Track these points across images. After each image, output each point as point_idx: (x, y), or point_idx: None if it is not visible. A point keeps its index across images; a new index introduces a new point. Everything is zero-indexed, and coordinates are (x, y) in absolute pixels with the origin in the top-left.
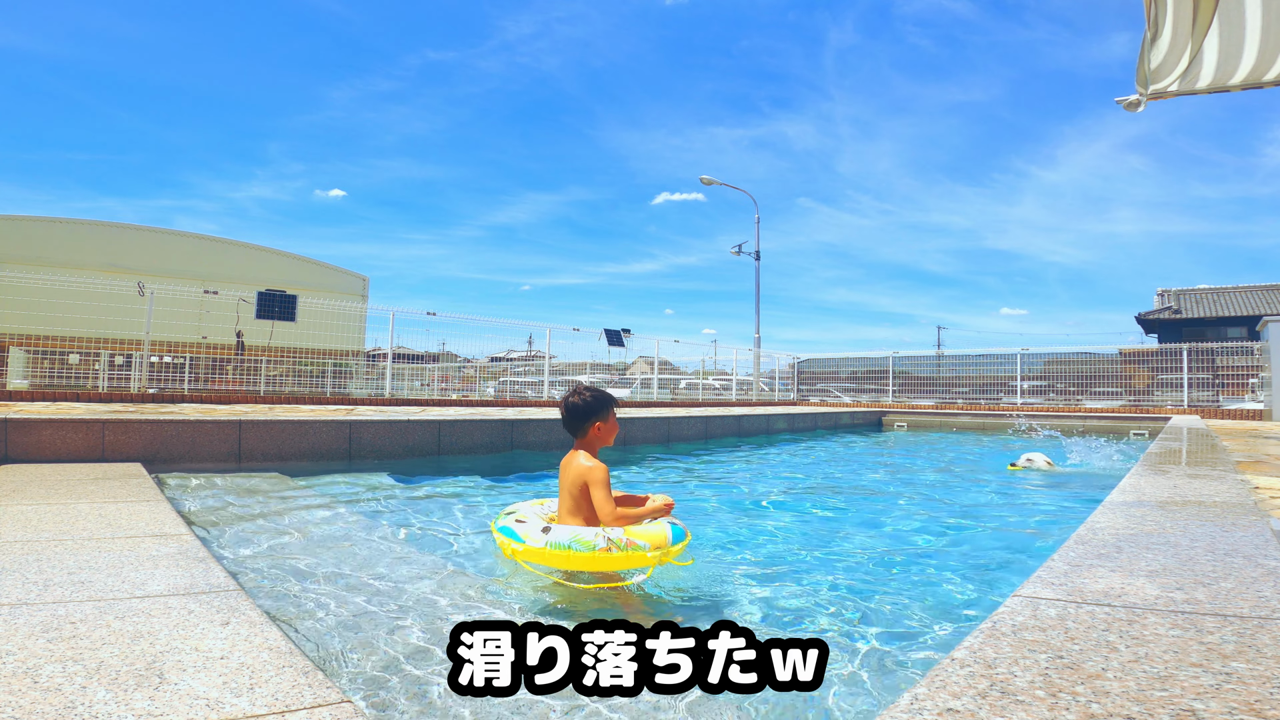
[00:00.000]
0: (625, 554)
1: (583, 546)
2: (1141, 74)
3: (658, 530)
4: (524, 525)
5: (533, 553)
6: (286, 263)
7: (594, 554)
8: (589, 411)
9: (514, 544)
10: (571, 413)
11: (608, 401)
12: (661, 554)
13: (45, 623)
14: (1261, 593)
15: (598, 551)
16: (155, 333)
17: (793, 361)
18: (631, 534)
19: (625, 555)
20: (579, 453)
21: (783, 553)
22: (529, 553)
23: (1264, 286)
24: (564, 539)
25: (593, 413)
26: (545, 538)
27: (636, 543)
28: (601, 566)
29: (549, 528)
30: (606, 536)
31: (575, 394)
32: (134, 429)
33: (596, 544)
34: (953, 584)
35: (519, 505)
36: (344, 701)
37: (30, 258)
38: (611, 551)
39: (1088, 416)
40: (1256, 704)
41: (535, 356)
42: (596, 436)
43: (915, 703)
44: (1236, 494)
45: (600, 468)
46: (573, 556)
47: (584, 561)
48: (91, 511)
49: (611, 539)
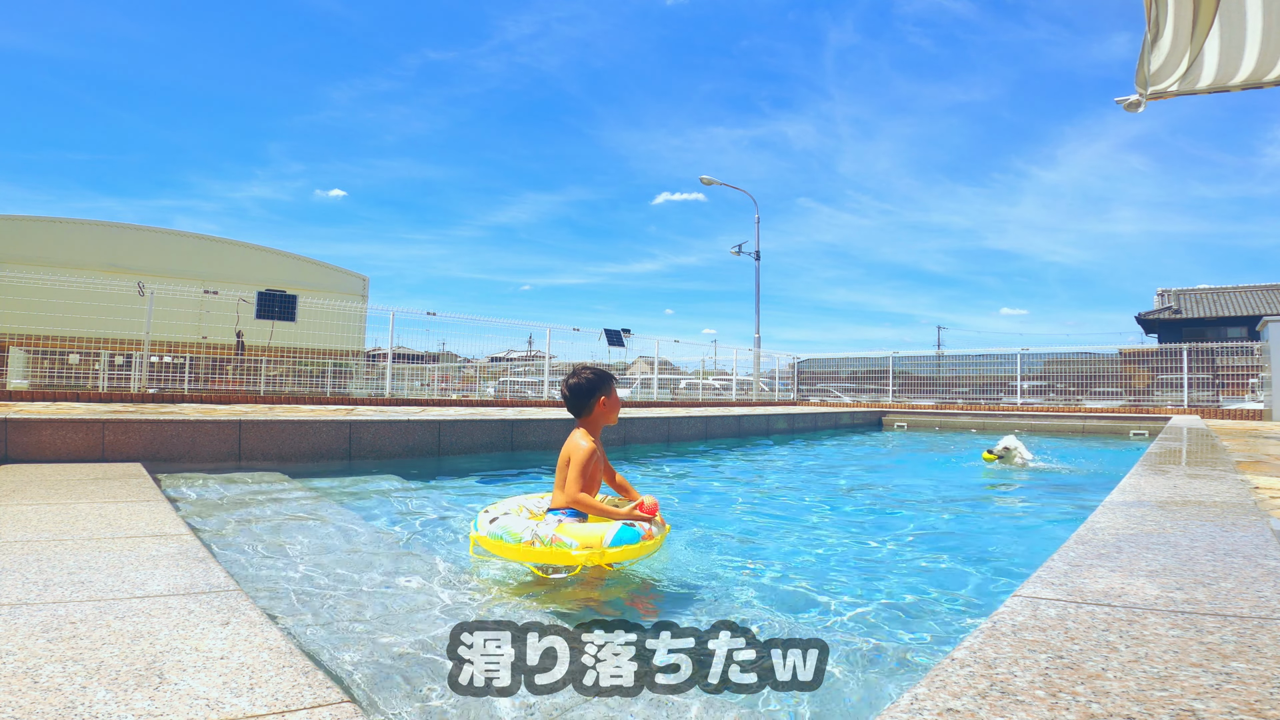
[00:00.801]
0: (548, 549)
1: (511, 538)
2: (1142, 75)
3: (592, 531)
4: (486, 514)
5: (478, 538)
6: (286, 263)
7: (518, 545)
8: (592, 388)
9: (472, 532)
10: (575, 392)
11: (608, 377)
12: (590, 554)
13: (45, 623)
14: (1261, 593)
15: (522, 544)
16: (155, 333)
17: (793, 361)
18: (563, 531)
19: (548, 550)
20: (577, 430)
21: (780, 552)
22: (475, 539)
23: (1264, 286)
24: (499, 529)
25: (595, 389)
26: (489, 526)
27: (562, 539)
28: (524, 559)
29: (497, 518)
30: (534, 530)
31: (575, 374)
32: (134, 429)
33: (523, 536)
34: (953, 583)
35: (511, 498)
36: (344, 701)
37: (30, 258)
38: (535, 545)
39: (1088, 416)
40: (1256, 704)
41: (535, 356)
42: (601, 413)
43: (915, 703)
44: (1236, 494)
45: (586, 449)
46: (502, 546)
47: (509, 551)
48: (91, 511)
49: (538, 534)
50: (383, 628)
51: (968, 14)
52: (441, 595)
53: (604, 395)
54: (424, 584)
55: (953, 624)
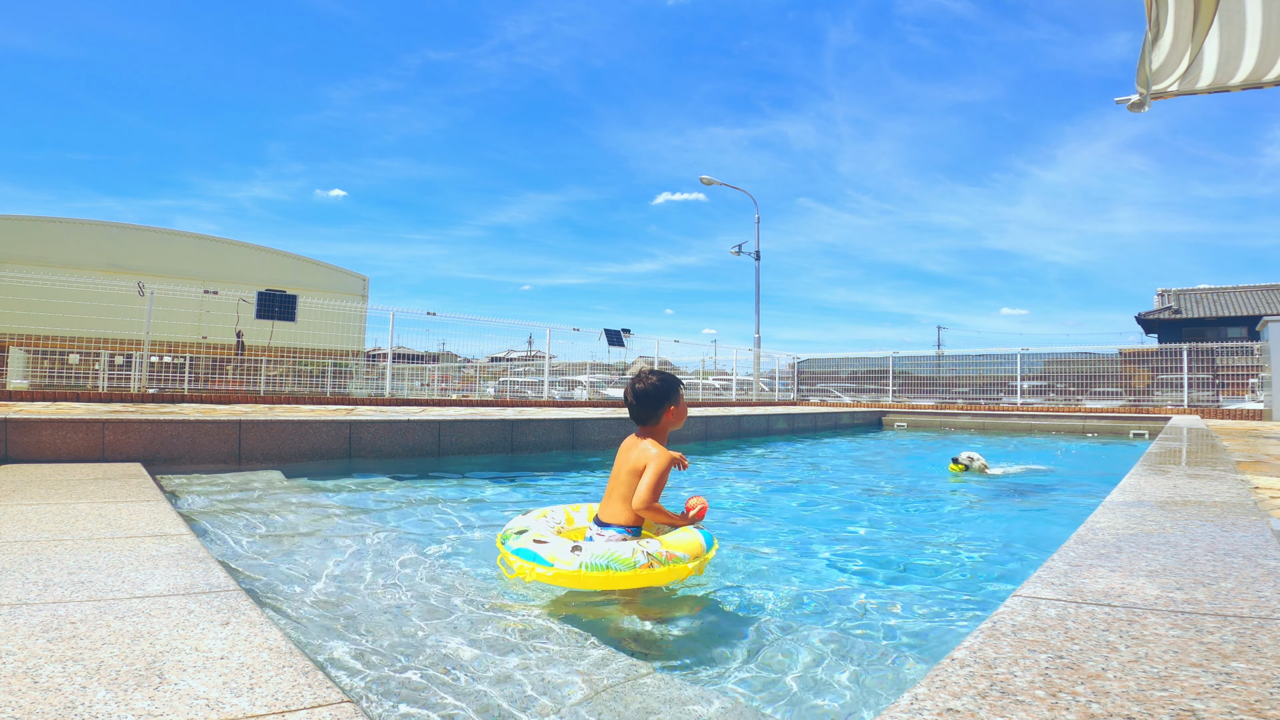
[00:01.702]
0: (667, 568)
1: (622, 565)
2: (1142, 74)
3: (693, 539)
4: (547, 546)
5: (565, 576)
6: (286, 263)
7: (635, 572)
8: (663, 395)
9: (539, 568)
10: (643, 399)
11: (677, 383)
12: (700, 563)
13: (45, 623)
14: (1261, 593)
15: (639, 569)
16: (155, 333)
17: (793, 361)
18: (669, 545)
19: (667, 570)
20: (645, 440)
21: (779, 552)
22: (561, 576)
23: (1264, 286)
24: (600, 559)
25: (666, 396)
26: (578, 557)
27: (676, 554)
28: (645, 584)
29: (579, 545)
30: (646, 552)
31: (641, 379)
32: (134, 429)
33: (637, 560)
34: (953, 583)
35: (523, 520)
36: (344, 701)
37: (30, 258)
38: (653, 567)
39: (1088, 416)
40: (1256, 704)
41: (535, 356)
42: (669, 421)
43: (915, 703)
44: (1236, 494)
45: (665, 456)
46: (613, 577)
47: (626, 580)
48: (91, 511)
49: (651, 553)
50: (383, 628)
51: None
52: (442, 595)
53: (673, 404)
54: (424, 584)
55: (953, 624)
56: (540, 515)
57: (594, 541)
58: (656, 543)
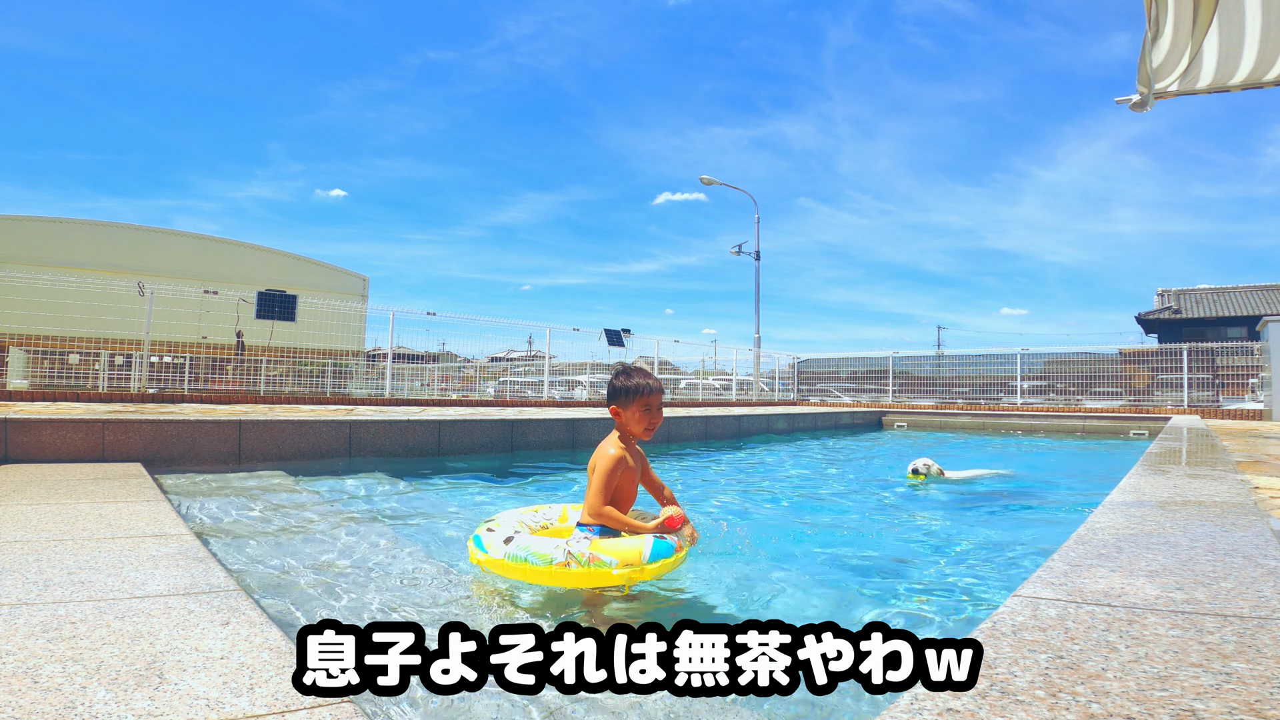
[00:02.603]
0: (586, 570)
1: (539, 560)
2: (1143, 74)
3: (630, 546)
4: (492, 534)
5: (493, 563)
6: (286, 263)
7: (550, 569)
8: (610, 394)
9: (478, 553)
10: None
11: (628, 390)
12: (630, 571)
13: (45, 623)
14: (1261, 593)
15: (554, 566)
16: (155, 333)
17: (793, 361)
18: (598, 548)
19: (586, 571)
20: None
21: (778, 552)
22: (489, 563)
23: (1264, 286)
24: (521, 551)
25: (614, 395)
26: (505, 548)
27: (601, 558)
28: (559, 583)
29: (511, 537)
30: (567, 550)
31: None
32: (134, 429)
33: (554, 557)
34: (952, 582)
35: (505, 513)
36: (344, 701)
37: (30, 258)
38: (570, 566)
39: (1088, 417)
40: (1256, 704)
41: (535, 356)
42: (621, 422)
43: (915, 703)
44: (1236, 494)
45: (608, 456)
46: (529, 570)
47: (540, 576)
48: (91, 511)
49: (572, 553)
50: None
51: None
52: (442, 595)
53: (615, 405)
54: (424, 584)
55: (953, 623)
56: (532, 510)
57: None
58: (586, 543)
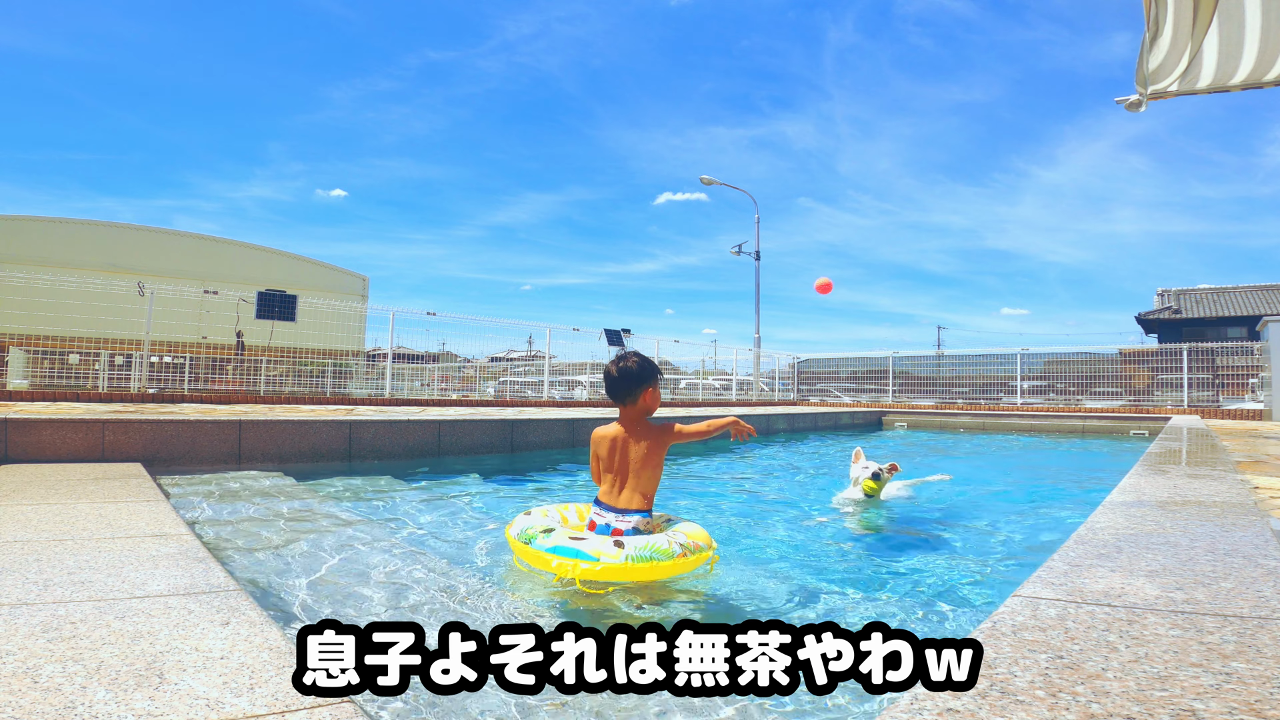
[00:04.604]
0: (695, 556)
1: (663, 556)
2: (1141, 74)
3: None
4: (586, 542)
5: (612, 570)
6: (286, 263)
7: (674, 561)
8: (642, 376)
9: (583, 563)
10: (624, 377)
11: (658, 370)
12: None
13: (45, 623)
14: (1261, 593)
15: (676, 559)
16: (155, 333)
17: (793, 361)
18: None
19: (696, 558)
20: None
21: (777, 553)
22: (609, 570)
23: (1264, 286)
24: (643, 551)
25: (646, 378)
26: (624, 552)
27: (700, 544)
28: (681, 571)
29: (620, 540)
30: (679, 543)
31: (622, 360)
32: (134, 429)
33: (674, 550)
34: (952, 582)
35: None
36: (344, 701)
37: (30, 258)
38: (686, 555)
39: (1088, 416)
40: (1256, 704)
41: (535, 356)
42: (646, 404)
43: (915, 703)
44: (1236, 494)
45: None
46: (657, 568)
47: (666, 570)
48: (91, 511)
49: (683, 544)
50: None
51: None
52: (442, 595)
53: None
54: (424, 584)
55: (952, 623)
56: (544, 513)
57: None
58: (682, 535)
